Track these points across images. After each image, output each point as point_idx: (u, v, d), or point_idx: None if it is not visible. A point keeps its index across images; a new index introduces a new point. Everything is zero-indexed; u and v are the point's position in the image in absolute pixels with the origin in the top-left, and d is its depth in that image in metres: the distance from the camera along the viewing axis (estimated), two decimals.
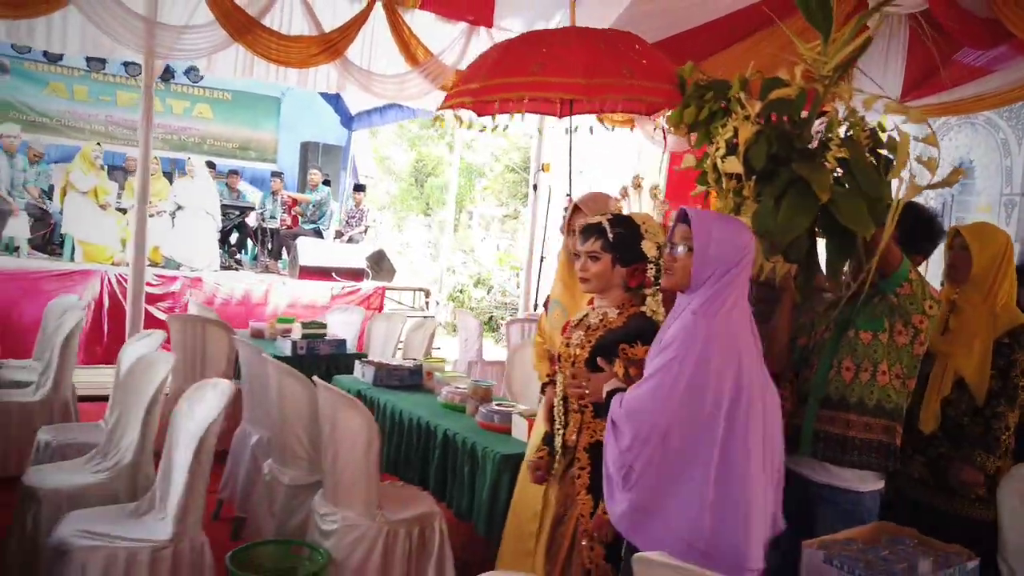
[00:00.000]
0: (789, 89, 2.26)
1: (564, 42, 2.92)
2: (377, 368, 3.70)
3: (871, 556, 1.75)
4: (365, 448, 2.56)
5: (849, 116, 2.23)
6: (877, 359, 2.04)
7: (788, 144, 2.26)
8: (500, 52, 3.07)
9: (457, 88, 3.05)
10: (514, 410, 3.02)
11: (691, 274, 1.77)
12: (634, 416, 1.73)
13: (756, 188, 2.21)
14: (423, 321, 5.19)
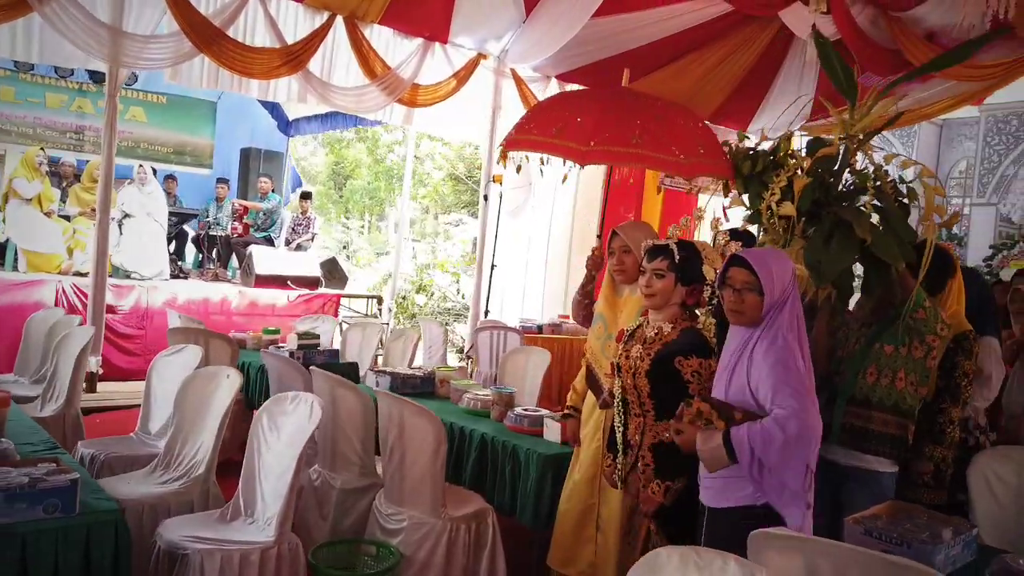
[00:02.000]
0: (831, 148, 2.77)
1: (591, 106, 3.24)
2: (392, 377, 3.95)
3: (899, 528, 2.19)
4: (433, 451, 2.84)
5: (876, 170, 2.75)
6: (896, 368, 2.55)
7: (826, 191, 2.76)
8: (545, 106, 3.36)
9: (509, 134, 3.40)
10: (545, 414, 3.36)
11: (762, 313, 2.07)
12: (798, 411, 1.95)
13: (803, 228, 2.70)
14: (404, 330, 5.42)
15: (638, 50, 7.58)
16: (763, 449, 1.95)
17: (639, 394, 2.42)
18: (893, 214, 2.67)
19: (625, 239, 2.82)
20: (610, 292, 2.90)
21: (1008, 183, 11.38)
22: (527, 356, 4.54)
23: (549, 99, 3.29)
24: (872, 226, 2.61)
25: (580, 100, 3.24)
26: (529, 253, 8.00)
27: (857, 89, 3.04)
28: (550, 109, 3.25)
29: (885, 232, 2.62)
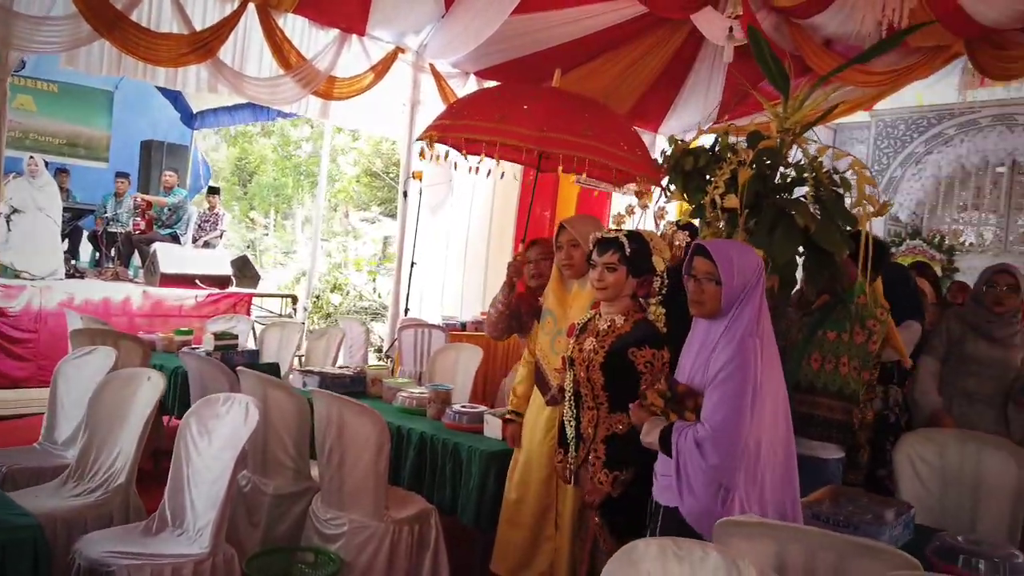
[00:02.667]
0: (771, 141, 2.82)
1: (536, 97, 3.18)
2: (322, 377, 3.79)
3: (844, 511, 2.25)
4: (376, 452, 2.73)
5: (811, 162, 2.81)
6: (840, 354, 2.63)
7: (765, 184, 2.81)
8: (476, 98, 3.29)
9: (435, 122, 3.29)
10: (484, 411, 3.29)
11: (722, 304, 2.04)
12: (722, 440, 1.93)
13: (746, 220, 2.73)
14: (326, 330, 5.24)
15: (555, 49, 7.62)
16: (681, 454, 2.00)
17: (593, 387, 2.40)
18: (832, 202, 2.74)
19: (573, 233, 2.78)
20: (559, 287, 2.86)
21: (896, 184, 12.06)
22: (457, 353, 4.47)
23: (476, 92, 3.25)
24: (813, 215, 2.68)
25: (518, 92, 3.18)
26: (448, 251, 7.90)
27: (789, 81, 3.12)
28: (483, 99, 3.19)
29: (826, 220, 2.69)
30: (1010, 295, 3.39)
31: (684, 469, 1.98)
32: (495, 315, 3.03)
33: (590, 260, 2.45)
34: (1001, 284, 3.39)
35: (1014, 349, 3.42)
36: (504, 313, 3.01)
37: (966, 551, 2.04)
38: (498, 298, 3.01)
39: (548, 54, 7.55)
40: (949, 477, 2.92)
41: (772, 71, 3.09)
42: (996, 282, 3.41)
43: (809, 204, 2.73)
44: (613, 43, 7.99)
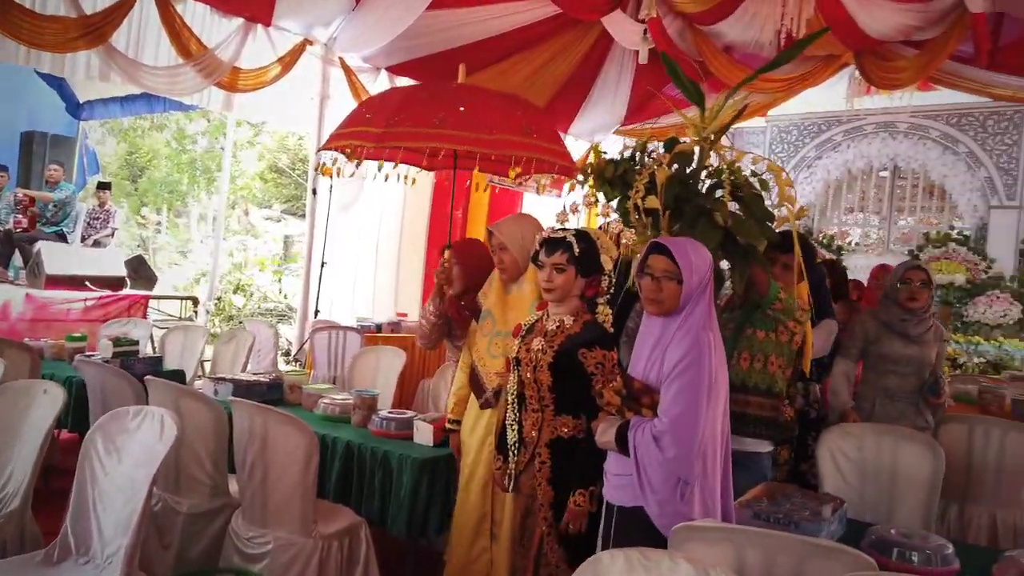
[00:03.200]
0: (687, 145, 2.85)
1: (468, 98, 3.03)
2: (236, 384, 3.58)
3: (782, 509, 2.28)
4: (304, 464, 2.58)
5: (728, 165, 2.86)
6: (768, 352, 2.67)
7: (686, 187, 2.84)
8: (401, 99, 3.10)
9: (350, 129, 3.06)
10: (412, 416, 3.18)
11: (680, 301, 2.04)
12: (680, 433, 1.92)
13: (669, 221, 2.74)
14: (234, 333, 4.98)
15: (469, 47, 7.56)
16: (639, 450, 1.98)
17: (539, 388, 2.34)
18: (752, 199, 2.81)
19: (500, 237, 2.72)
20: (500, 289, 2.79)
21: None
22: (378, 357, 4.32)
23: (395, 94, 3.10)
24: (732, 212, 2.75)
25: (445, 93, 3.05)
26: (359, 250, 7.69)
27: (704, 99, 3.19)
28: (413, 102, 3.03)
29: (745, 215, 2.75)
30: (923, 290, 3.51)
31: (643, 465, 1.96)
32: (428, 327, 2.95)
33: (537, 261, 2.39)
34: (915, 280, 3.51)
35: (927, 345, 3.52)
36: (437, 324, 2.94)
37: (900, 544, 2.10)
38: (430, 309, 2.93)
39: (461, 52, 7.47)
40: (868, 470, 3.03)
41: (688, 90, 3.15)
42: (910, 279, 3.51)
43: (728, 204, 2.79)
44: (526, 43, 8.00)
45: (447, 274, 2.91)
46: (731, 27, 7.62)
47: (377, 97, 3.04)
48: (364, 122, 2.86)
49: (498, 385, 2.67)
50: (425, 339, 3.00)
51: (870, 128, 12.05)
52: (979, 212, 11.24)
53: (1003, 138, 11.11)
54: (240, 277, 9.66)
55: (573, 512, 2.25)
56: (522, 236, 2.69)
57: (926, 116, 11.48)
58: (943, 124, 11.49)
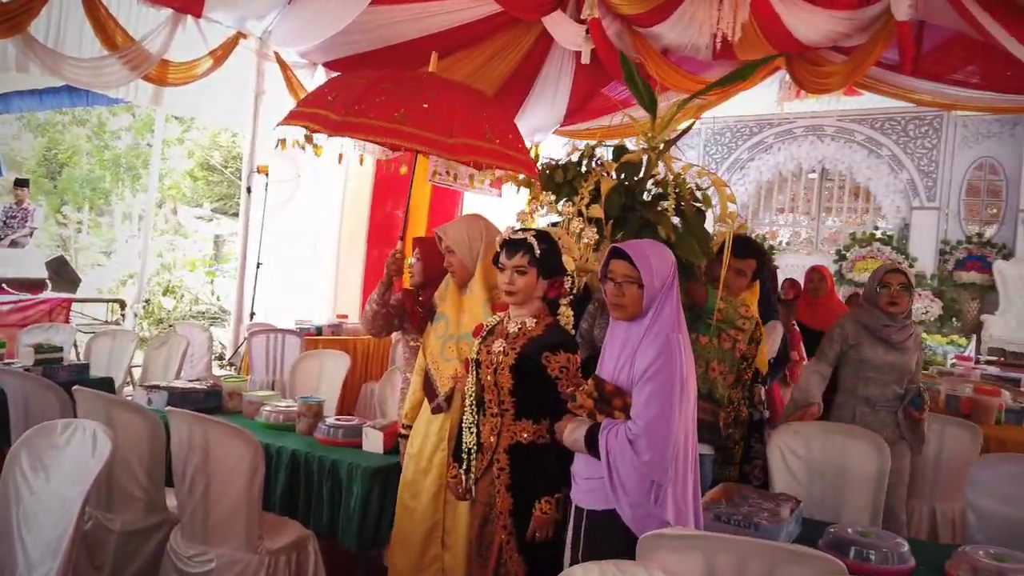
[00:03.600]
0: (634, 155, 2.85)
1: (434, 93, 2.78)
2: (171, 392, 3.40)
3: (741, 511, 2.28)
4: (248, 477, 2.45)
5: (675, 177, 2.87)
6: (709, 358, 2.69)
7: (632, 198, 2.84)
8: (367, 85, 2.88)
9: (310, 109, 2.87)
10: (359, 423, 3.08)
11: (643, 305, 2.00)
12: (655, 436, 1.88)
13: (613, 230, 2.74)
14: (166, 338, 4.75)
15: (409, 44, 7.45)
16: (613, 454, 1.94)
17: (499, 391, 2.28)
18: (691, 217, 2.85)
19: (447, 240, 2.65)
20: (454, 291, 2.71)
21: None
22: (321, 361, 4.18)
23: (357, 79, 2.87)
24: (674, 227, 2.77)
25: (410, 84, 2.78)
26: (296, 250, 7.48)
27: (656, 105, 3.19)
28: (374, 92, 2.73)
29: (685, 232, 2.78)
30: (903, 294, 3.32)
31: (616, 468, 1.92)
32: (370, 313, 2.88)
33: (497, 263, 2.33)
34: (894, 284, 3.32)
35: (909, 353, 3.38)
36: (379, 312, 2.85)
37: (857, 543, 2.13)
38: (374, 297, 2.85)
39: (401, 49, 7.36)
40: (816, 467, 3.08)
41: (641, 95, 3.15)
42: (889, 282, 3.33)
43: (671, 217, 2.82)
44: (467, 41, 7.94)
45: (397, 264, 2.83)
46: (668, 30, 7.71)
47: (345, 78, 2.86)
48: (325, 104, 2.69)
49: (451, 389, 2.59)
50: (368, 324, 2.91)
51: (799, 131, 12.41)
52: (901, 213, 11.70)
53: (923, 142, 11.59)
54: (170, 278, 9.26)
55: (539, 520, 2.20)
56: (469, 238, 2.62)
57: (852, 120, 11.90)
58: (868, 128, 11.92)
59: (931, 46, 7.21)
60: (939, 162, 11.44)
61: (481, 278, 2.61)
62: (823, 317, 4.53)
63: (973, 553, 2.04)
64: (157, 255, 9.30)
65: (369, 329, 2.96)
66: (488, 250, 2.56)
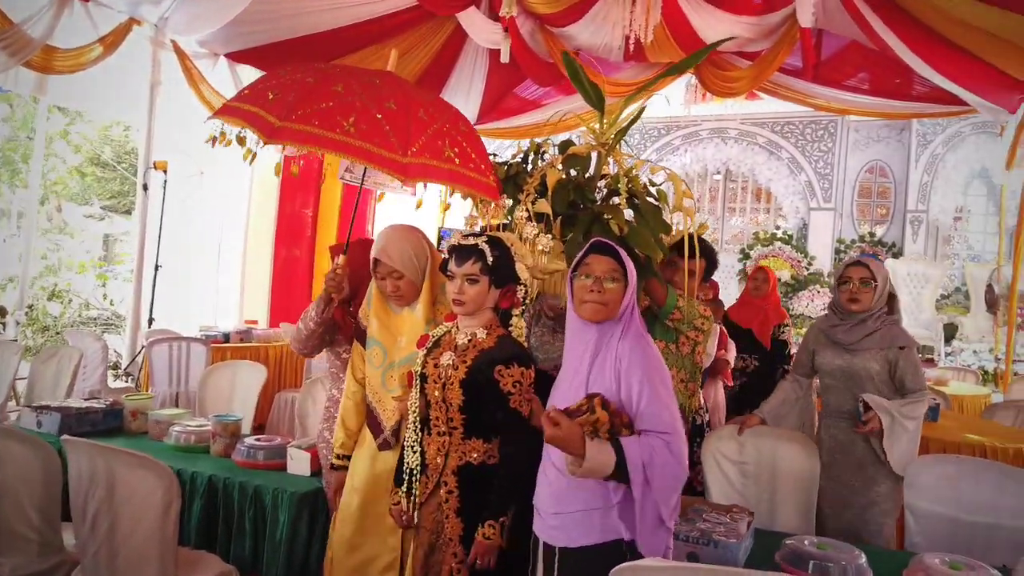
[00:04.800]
0: (581, 148, 2.73)
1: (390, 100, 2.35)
2: (64, 414, 3.06)
3: (698, 527, 2.21)
4: (162, 512, 2.19)
5: (626, 172, 2.77)
6: (668, 365, 2.57)
7: (582, 195, 2.72)
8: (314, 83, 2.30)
9: (246, 106, 2.45)
10: (289, 444, 2.85)
11: (622, 305, 1.87)
12: (680, 435, 1.77)
13: (562, 227, 2.61)
14: (56, 350, 4.32)
15: (319, 36, 7.15)
16: (653, 468, 1.74)
17: (448, 407, 2.11)
18: (648, 209, 2.75)
19: (393, 264, 2.35)
20: (382, 311, 2.45)
21: None
22: (234, 372, 3.89)
23: (301, 75, 2.43)
24: (626, 220, 2.67)
25: (362, 88, 2.33)
26: (199, 252, 7.04)
27: (604, 103, 3.10)
28: (320, 94, 2.23)
29: (640, 224, 2.68)
30: (864, 290, 2.94)
31: (652, 484, 1.73)
32: (306, 333, 2.58)
33: (446, 271, 2.15)
34: (854, 279, 2.96)
35: (864, 355, 2.94)
36: (316, 332, 2.58)
37: (815, 556, 2.09)
38: (311, 315, 2.55)
39: (311, 41, 7.05)
40: (749, 471, 3.06)
41: (588, 94, 3.05)
42: (849, 277, 2.98)
43: (623, 210, 2.72)
44: (380, 34, 7.70)
45: (338, 281, 2.51)
46: (582, 30, 7.72)
47: (290, 72, 2.39)
48: (264, 102, 2.23)
49: (397, 422, 2.38)
50: (301, 345, 2.63)
51: (705, 133, 12.73)
52: (800, 213, 12.19)
53: (819, 145, 12.11)
54: (56, 282, 8.52)
55: (481, 546, 2.03)
56: (414, 255, 2.37)
57: (754, 123, 12.31)
58: (768, 131, 12.35)
59: (828, 53, 7.50)
60: (834, 165, 11.97)
61: (427, 296, 2.40)
62: (749, 316, 4.57)
63: (930, 561, 2.03)
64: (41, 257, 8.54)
65: (302, 349, 2.67)
66: (433, 264, 2.37)
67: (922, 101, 7.29)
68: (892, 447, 2.81)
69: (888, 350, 2.90)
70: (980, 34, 5.46)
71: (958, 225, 11.49)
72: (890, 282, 3.04)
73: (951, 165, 11.23)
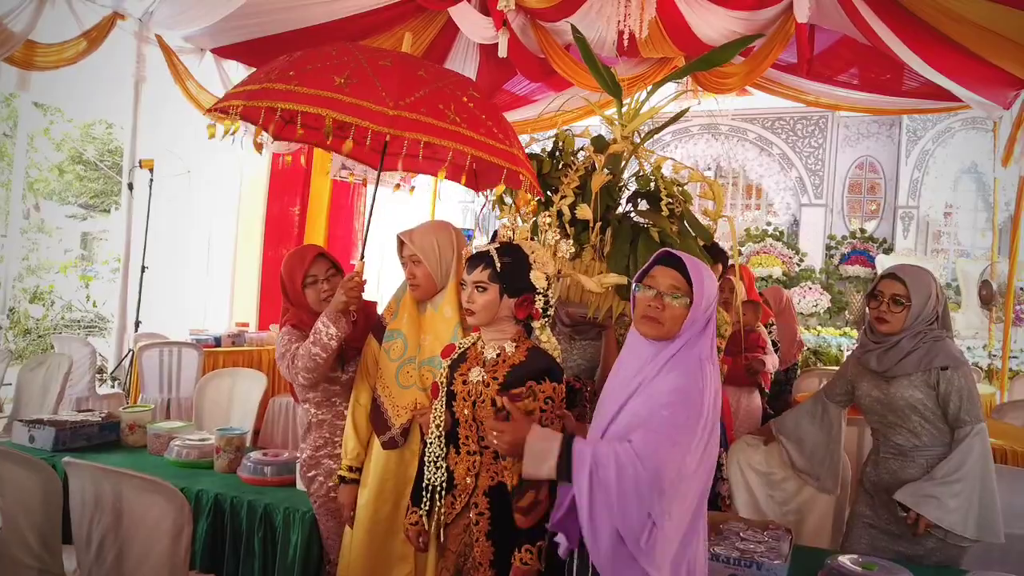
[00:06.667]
0: (619, 146, 2.58)
1: (390, 60, 2.26)
2: (59, 428, 2.91)
3: (736, 546, 2.11)
4: (172, 539, 2.06)
5: (655, 171, 2.65)
6: None
7: (611, 195, 2.59)
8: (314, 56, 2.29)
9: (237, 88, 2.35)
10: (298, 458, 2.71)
11: (683, 325, 1.70)
12: (657, 465, 1.54)
13: (599, 234, 2.48)
14: (44, 357, 4.15)
15: (308, 31, 7.00)
16: (606, 474, 1.55)
17: (479, 426, 1.99)
18: (691, 217, 2.64)
19: (413, 248, 2.30)
20: (414, 308, 2.36)
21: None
22: (233, 381, 3.74)
23: (308, 51, 2.30)
24: (674, 229, 2.55)
25: (365, 55, 2.23)
26: (187, 253, 6.86)
27: (621, 88, 2.99)
28: (321, 60, 2.22)
29: (685, 234, 2.58)
30: (896, 310, 2.48)
31: (602, 490, 1.55)
32: (325, 355, 2.29)
33: (461, 280, 2.04)
34: (885, 295, 2.51)
35: (900, 383, 2.48)
36: (337, 350, 2.32)
37: None
38: (331, 332, 2.27)
39: (299, 36, 6.90)
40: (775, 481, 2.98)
41: (605, 80, 2.93)
42: (880, 292, 2.53)
43: (667, 216, 2.59)
44: (369, 29, 7.56)
45: (358, 291, 2.30)
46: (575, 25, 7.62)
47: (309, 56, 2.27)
48: (258, 80, 2.19)
49: (408, 420, 2.28)
50: (317, 372, 2.34)
51: (695, 130, 12.67)
52: (791, 209, 12.16)
53: (810, 141, 12.09)
54: (38, 283, 8.27)
55: (519, 571, 1.91)
56: (439, 247, 2.30)
57: (744, 119, 12.26)
58: (759, 127, 12.31)
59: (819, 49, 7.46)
60: (825, 160, 11.96)
61: (454, 297, 2.30)
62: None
63: None
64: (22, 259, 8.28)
65: (316, 378, 2.37)
66: (460, 265, 2.26)
67: (914, 96, 7.28)
68: (947, 520, 2.31)
69: (928, 373, 2.43)
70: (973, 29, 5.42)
71: (948, 221, 11.52)
72: (940, 297, 2.52)
73: (941, 160, 11.25)
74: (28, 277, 8.31)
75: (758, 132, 12.29)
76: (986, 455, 2.36)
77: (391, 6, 7.18)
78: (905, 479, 2.44)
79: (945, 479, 2.33)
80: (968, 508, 2.29)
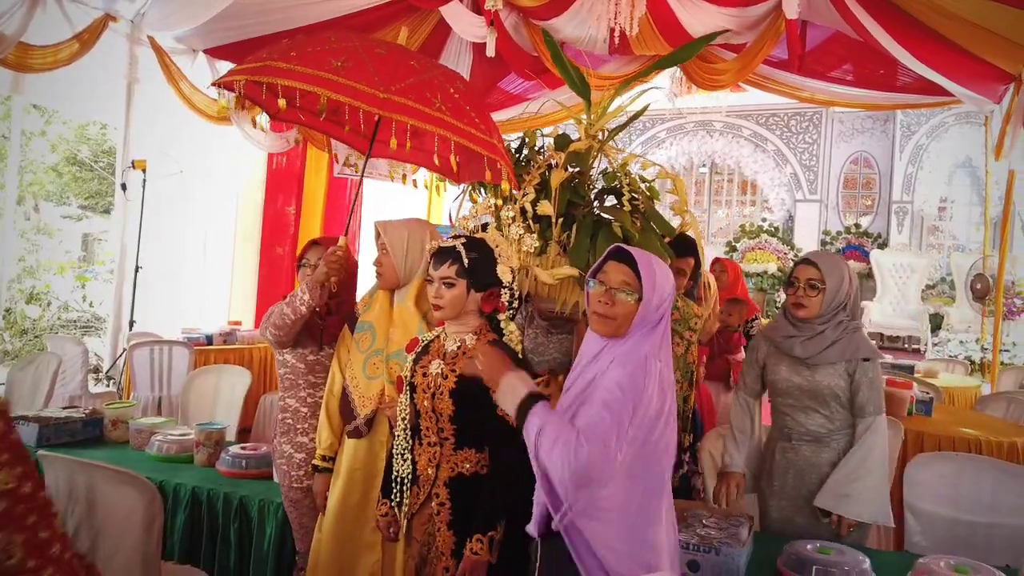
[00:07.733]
0: (581, 143, 2.63)
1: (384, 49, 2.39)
2: (41, 426, 2.97)
3: (698, 533, 2.15)
4: (144, 529, 2.11)
5: (622, 169, 2.69)
6: None
7: (577, 192, 2.64)
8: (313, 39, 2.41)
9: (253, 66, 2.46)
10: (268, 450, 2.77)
11: (633, 323, 1.68)
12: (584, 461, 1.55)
13: (561, 230, 2.53)
14: (34, 357, 4.21)
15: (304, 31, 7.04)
16: (543, 435, 1.58)
17: (438, 418, 2.03)
18: (651, 212, 2.68)
19: (384, 237, 2.35)
20: (386, 300, 2.41)
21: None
22: (218, 377, 3.80)
23: (310, 36, 2.41)
24: (634, 223, 2.59)
25: (363, 42, 2.36)
26: (183, 252, 6.91)
27: (590, 88, 3.03)
28: (319, 43, 2.33)
29: (646, 229, 2.61)
30: (811, 294, 2.48)
31: (538, 450, 1.60)
32: (294, 318, 2.39)
33: (428, 276, 2.09)
34: (801, 280, 2.50)
35: (825, 370, 2.48)
36: (304, 318, 2.41)
37: (818, 562, 2.04)
38: (302, 299, 2.37)
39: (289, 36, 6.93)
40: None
41: (573, 80, 2.98)
42: (796, 279, 2.52)
43: (628, 211, 2.63)
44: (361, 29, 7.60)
45: (340, 264, 2.39)
46: (566, 23, 7.65)
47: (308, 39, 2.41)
48: (259, 59, 2.32)
49: (372, 411, 2.32)
50: (284, 332, 2.44)
51: (690, 127, 12.70)
52: (786, 205, 12.19)
53: (804, 137, 12.11)
54: (34, 284, 8.33)
55: (469, 561, 1.94)
56: (408, 242, 2.35)
57: (739, 116, 12.28)
58: (753, 124, 12.34)
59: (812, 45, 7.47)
60: (819, 156, 11.98)
61: (415, 293, 2.35)
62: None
63: (934, 565, 1.99)
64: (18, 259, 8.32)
65: (282, 338, 2.47)
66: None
67: (907, 92, 7.29)
68: (866, 514, 2.40)
69: (850, 363, 2.47)
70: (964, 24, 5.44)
71: (943, 215, 11.53)
72: (853, 281, 2.56)
73: (935, 155, 11.26)
74: (26, 278, 8.37)
75: (753, 128, 12.31)
76: (885, 445, 2.47)
77: (383, 6, 7.22)
78: (818, 463, 2.51)
79: (855, 474, 2.41)
80: (879, 497, 2.39)
